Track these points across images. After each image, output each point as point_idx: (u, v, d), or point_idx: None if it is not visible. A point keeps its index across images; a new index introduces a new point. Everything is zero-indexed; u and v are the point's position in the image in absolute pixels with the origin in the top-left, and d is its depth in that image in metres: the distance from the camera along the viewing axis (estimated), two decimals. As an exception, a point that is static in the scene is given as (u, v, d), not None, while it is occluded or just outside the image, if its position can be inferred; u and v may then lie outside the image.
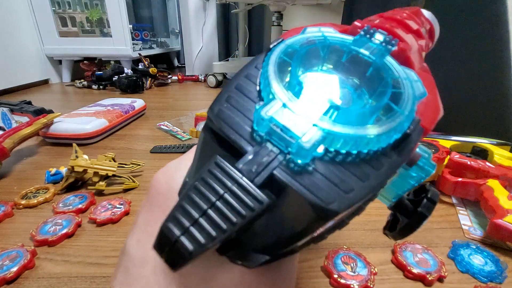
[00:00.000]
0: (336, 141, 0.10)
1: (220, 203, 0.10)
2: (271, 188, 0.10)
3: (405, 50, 0.13)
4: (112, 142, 0.67)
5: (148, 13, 1.98)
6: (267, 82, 0.11)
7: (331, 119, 0.10)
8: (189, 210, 0.10)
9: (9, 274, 0.29)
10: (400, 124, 0.11)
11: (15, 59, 1.21)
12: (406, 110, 0.11)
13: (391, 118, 0.11)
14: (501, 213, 0.34)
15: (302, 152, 0.10)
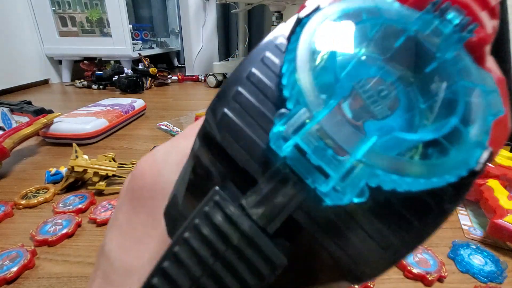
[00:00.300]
0: (382, 179, 0.07)
1: (221, 267, 0.07)
2: (285, 232, 0.08)
3: (485, 41, 0.09)
4: (112, 142, 0.67)
5: (148, 13, 1.98)
6: (294, 78, 0.08)
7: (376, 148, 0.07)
8: (176, 277, 0.08)
9: (9, 274, 0.29)
10: (468, 157, 0.07)
11: (15, 59, 1.21)
12: (477, 136, 0.07)
13: (456, 147, 0.07)
14: (501, 213, 0.34)
15: (336, 194, 0.07)
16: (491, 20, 0.09)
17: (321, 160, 0.07)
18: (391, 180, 0.07)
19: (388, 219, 0.08)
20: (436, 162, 0.07)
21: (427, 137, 0.07)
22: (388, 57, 0.08)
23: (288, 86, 0.08)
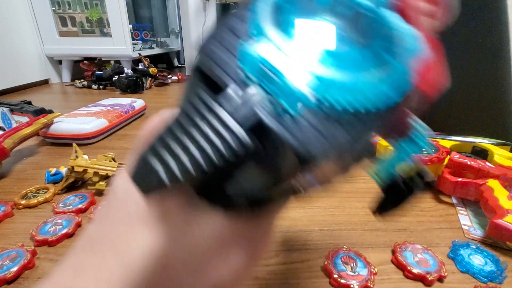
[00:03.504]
0: (329, 89, 0.09)
1: (203, 139, 0.09)
2: (255, 133, 0.10)
3: (406, 5, 0.12)
4: (112, 142, 0.67)
5: (148, 13, 1.98)
6: (257, 18, 0.10)
7: (326, 65, 0.09)
8: (169, 142, 0.09)
9: (9, 274, 0.29)
10: (392, 75, 0.10)
11: (15, 59, 1.21)
12: (400, 64, 0.10)
13: (383, 70, 0.10)
14: (501, 213, 0.34)
15: (292, 98, 0.09)
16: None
17: (282, 73, 0.09)
18: (337, 91, 0.09)
19: (332, 122, 0.10)
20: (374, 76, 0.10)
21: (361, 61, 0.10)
22: (334, 16, 0.11)
23: (254, 26, 0.10)
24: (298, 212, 0.40)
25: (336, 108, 0.09)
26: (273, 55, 0.10)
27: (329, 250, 0.32)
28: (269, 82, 0.09)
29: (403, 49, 0.11)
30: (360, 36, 0.11)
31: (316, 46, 0.10)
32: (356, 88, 0.09)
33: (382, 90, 0.10)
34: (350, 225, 0.38)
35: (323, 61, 0.10)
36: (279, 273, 0.30)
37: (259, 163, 0.10)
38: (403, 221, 0.39)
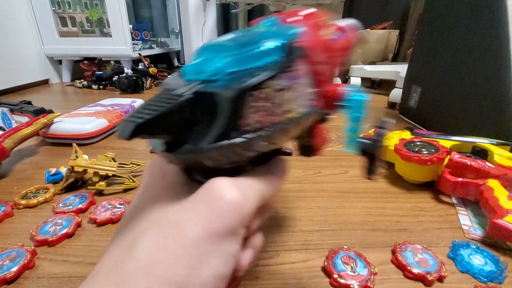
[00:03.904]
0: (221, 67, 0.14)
1: (159, 100, 0.13)
2: (200, 101, 0.13)
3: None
4: (112, 142, 0.67)
5: (148, 13, 1.98)
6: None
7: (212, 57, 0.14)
8: (139, 109, 0.12)
9: (9, 274, 0.29)
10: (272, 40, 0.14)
11: (15, 59, 1.21)
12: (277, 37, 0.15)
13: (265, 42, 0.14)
14: (501, 213, 0.34)
15: (209, 79, 0.14)
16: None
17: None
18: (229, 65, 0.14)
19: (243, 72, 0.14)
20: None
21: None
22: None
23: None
24: (298, 212, 0.40)
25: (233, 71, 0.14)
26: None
27: (329, 250, 0.32)
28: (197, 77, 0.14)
29: (280, 34, 0.15)
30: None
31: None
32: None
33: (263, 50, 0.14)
34: (350, 225, 0.38)
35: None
36: (279, 273, 0.30)
37: (201, 113, 0.14)
38: (403, 221, 0.39)
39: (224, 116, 0.13)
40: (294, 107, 0.15)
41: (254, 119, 0.14)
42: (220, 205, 0.14)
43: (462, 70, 0.63)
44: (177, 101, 0.13)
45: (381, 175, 0.52)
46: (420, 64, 0.79)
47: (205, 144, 0.13)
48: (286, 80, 0.14)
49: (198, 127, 0.14)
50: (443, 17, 0.69)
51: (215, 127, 0.13)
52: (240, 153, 0.14)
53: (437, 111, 0.71)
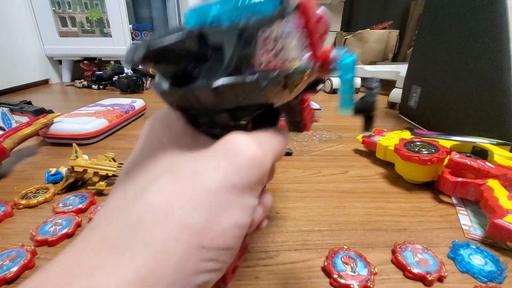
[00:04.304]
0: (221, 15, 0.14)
1: (167, 32, 0.13)
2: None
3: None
4: (112, 142, 0.67)
5: (148, 13, 1.98)
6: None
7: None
8: (148, 39, 0.12)
9: (9, 274, 0.29)
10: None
11: (15, 59, 1.21)
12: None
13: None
14: (501, 213, 0.34)
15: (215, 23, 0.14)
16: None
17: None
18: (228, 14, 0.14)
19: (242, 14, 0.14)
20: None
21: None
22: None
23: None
24: (298, 212, 0.40)
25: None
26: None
27: (329, 250, 0.32)
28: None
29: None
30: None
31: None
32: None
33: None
34: (350, 225, 0.38)
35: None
36: (279, 273, 0.30)
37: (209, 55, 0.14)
38: (403, 221, 0.39)
39: (237, 53, 0.13)
40: (297, 56, 0.16)
41: (265, 59, 0.14)
42: (241, 159, 0.14)
43: (462, 70, 0.63)
44: (188, 33, 0.13)
45: (381, 175, 0.52)
46: (420, 64, 0.79)
47: (220, 79, 0.13)
48: (289, 26, 0.15)
49: (208, 65, 0.14)
50: (443, 17, 0.69)
51: (227, 64, 0.13)
52: (251, 94, 0.14)
53: (437, 111, 0.71)
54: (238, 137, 0.14)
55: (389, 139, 0.55)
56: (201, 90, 0.14)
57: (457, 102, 0.64)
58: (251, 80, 0.14)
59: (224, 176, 0.13)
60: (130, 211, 0.13)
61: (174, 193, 0.13)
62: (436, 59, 0.71)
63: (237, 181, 0.13)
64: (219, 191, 0.13)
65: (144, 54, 0.11)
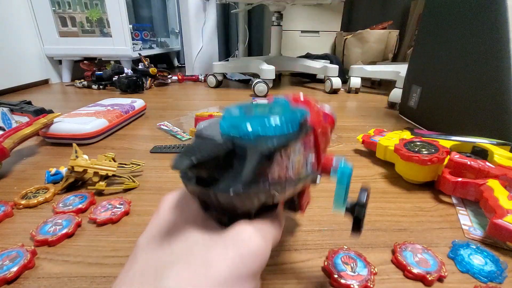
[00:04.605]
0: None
1: (205, 144, 0.16)
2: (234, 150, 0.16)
3: (296, 100, 0.23)
4: (112, 142, 0.67)
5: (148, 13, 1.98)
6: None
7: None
8: (191, 148, 0.15)
9: (9, 274, 0.29)
10: (287, 118, 0.18)
11: (15, 59, 1.21)
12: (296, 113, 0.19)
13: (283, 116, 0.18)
14: (501, 213, 0.34)
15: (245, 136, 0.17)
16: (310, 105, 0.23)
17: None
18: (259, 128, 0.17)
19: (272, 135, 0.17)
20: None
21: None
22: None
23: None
24: (298, 212, 0.40)
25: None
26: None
27: (329, 250, 0.32)
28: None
29: (294, 114, 0.19)
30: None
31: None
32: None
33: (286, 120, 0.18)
34: (350, 225, 0.38)
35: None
36: (279, 273, 0.30)
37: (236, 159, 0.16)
38: (403, 221, 0.39)
39: (257, 165, 0.15)
40: (303, 169, 0.20)
41: (277, 172, 0.17)
42: (247, 252, 0.15)
43: (462, 70, 0.63)
44: (222, 147, 0.16)
45: (381, 175, 0.52)
46: (420, 64, 0.79)
47: (239, 186, 0.15)
48: (300, 146, 0.19)
49: (232, 172, 0.16)
50: (443, 17, 0.69)
51: (247, 173, 0.15)
52: (261, 198, 0.17)
53: (437, 111, 0.71)
54: (244, 229, 0.16)
55: (389, 139, 0.55)
56: (223, 194, 0.16)
57: (457, 102, 0.64)
58: (265, 189, 0.16)
59: (232, 266, 0.15)
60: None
61: (188, 281, 0.14)
62: (436, 59, 0.72)
63: (243, 271, 0.15)
64: (226, 281, 0.14)
65: (188, 165, 0.14)
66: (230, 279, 0.14)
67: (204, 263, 0.15)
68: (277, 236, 0.18)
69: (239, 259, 0.15)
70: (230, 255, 0.15)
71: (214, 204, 0.17)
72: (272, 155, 0.16)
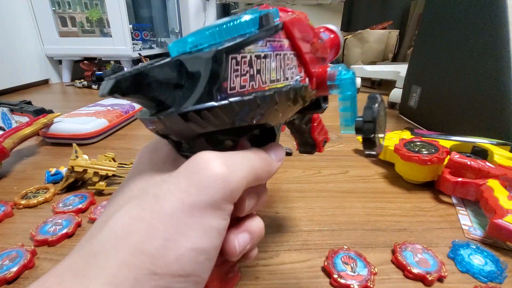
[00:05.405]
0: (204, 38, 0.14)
1: (141, 65, 0.13)
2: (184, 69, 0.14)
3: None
4: (112, 142, 0.67)
5: (148, 13, 1.98)
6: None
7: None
8: (124, 71, 0.13)
9: (9, 274, 0.29)
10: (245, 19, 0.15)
11: (15, 59, 1.21)
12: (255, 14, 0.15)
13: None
14: (501, 213, 0.34)
15: (192, 50, 0.14)
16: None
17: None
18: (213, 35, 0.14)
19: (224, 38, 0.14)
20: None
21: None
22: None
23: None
24: (298, 212, 0.40)
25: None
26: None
27: (329, 250, 0.32)
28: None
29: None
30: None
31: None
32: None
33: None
34: (350, 225, 0.38)
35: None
36: (279, 273, 0.30)
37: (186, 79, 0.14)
38: (403, 221, 0.39)
39: (207, 77, 0.13)
40: (279, 77, 0.16)
41: (238, 83, 0.14)
42: (201, 177, 0.13)
43: (462, 70, 0.63)
44: (156, 64, 0.13)
45: (381, 175, 0.52)
46: (420, 64, 0.79)
47: (188, 105, 0.13)
48: (267, 48, 0.15)
49: (181, 92, 0.14)
50: (443, 17, 0.69)
51: (198, 89, 0.13)
52: (225, 119, 0.14)
53: (437, 111, 0.71)
54: (203, 154, 0.14)
55: (389, 139, 0.55)
56: (169, 117, 0.13)
57: (457, 102, 0.64)
58: (220, 104, 0.13)
59: (182, 196, 0.13)
60: (96, 237, 0.13)
61: (134, 217, 0.13)
62: (436, 59, 0.71)
63: (197, 200, 0.13)
64: (175, 213, 0.13)
65: (112, 87, 0.12)
66: (180, 212, 0.13)
67: (154, 197, 0.13)
68: (256, 167, 0.16)
69: (191, 186, 0.13)
70: (181, 185, 0.13)
71: (176, 136, 0.15)
72: (220, 59, 0.13)
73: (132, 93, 0.13)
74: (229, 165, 0.14)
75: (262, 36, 0.15)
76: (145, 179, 0.15)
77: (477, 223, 0.39)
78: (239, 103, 0.14)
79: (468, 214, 0.41)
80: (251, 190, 0.16)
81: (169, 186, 0.14)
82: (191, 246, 0.13)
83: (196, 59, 0.13)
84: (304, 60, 0.18)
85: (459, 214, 0.41)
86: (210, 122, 0.14)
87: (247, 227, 0.16)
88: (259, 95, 0.14)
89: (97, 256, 0.12)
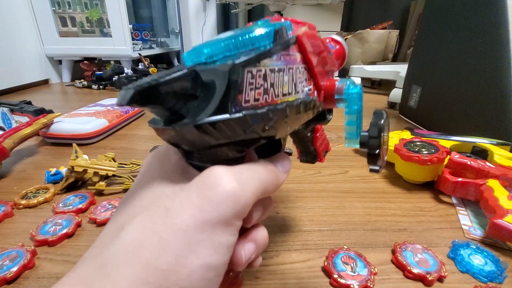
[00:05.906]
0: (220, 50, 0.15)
1: (158, 75, 0.13)
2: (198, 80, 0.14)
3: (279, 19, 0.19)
4: (112, 142, 0.67)
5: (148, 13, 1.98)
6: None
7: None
8: (139, 81, 0.13)
9: (9, 274, 0.29)
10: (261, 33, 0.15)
11: (15, 59, 1.21)
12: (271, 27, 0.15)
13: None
14: (501, 213, 0.34)
15: (207, 61, 0.15)
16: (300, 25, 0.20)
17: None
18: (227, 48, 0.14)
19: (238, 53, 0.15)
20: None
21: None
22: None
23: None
24: (298, 212, 0.40)
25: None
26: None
27: (329, 250, 0.32)
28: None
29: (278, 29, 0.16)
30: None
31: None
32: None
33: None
34: (350, 225, 0.38)
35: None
36: (279, 273, 0.30)
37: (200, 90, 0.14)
38: (403, 221, 0.39)
39: (222, 90, 0.13)
40: (291, 91, 0.16)
41: (253, 96, 0.14)
42: (213, 193, 0.13)
43: (462, 70, 0.63)
44: (175, 75, 0.13)
45: (381, 175, 0.52)
46: (420, 64, 0.79)
47: (203, 117, 0.13)
48: (281, 62, 0.15)
49: (196, 103, 0.14)
50: (443, 17, 0.69)
51: (214, 101, 0.13)
52: (238, 131, 0.14)
53: (437, 111, 0.71)
54: (215, 170, 0.14)
55: (389, 139, 0.55)
56: (185, 128, 0.14)
57: (457, 102, 0.64)
58: (235, 117, 0.13)
59: (195, 212, 0.13)
60: (108, 249, 0.13)
61: (146, 231, 0.13)
62: (436, 59, 0.71)
63: (209, 217, 0.13)
64: (188, 229, 0.13)
65: (131, 97, 0.12)
66: (193, 226, 0.13)
67: (166, 211, 0.13)
68: (265, 181, 0.16)
69: (205, 204, 0.13)
70: (193, 200, 0.13)
71: (187, 146, 0.15)
72: (236, 72, 0.13)
73: (150, 103, 0.13)
74: (240, 181, 0.14)
75: (277, 50, 0.15)
76: (155, 189, 0.15)
77: (477, 223, 0.39)
78: (253, 116, 0.14)
79: (468, 214, 0.41)
80: (258, 202, 0.16)
81: (181, 200, 0.13)
82: (202, 263, 0.13)
83: (214, 71, 0.14)
84: (314, 74, 0.18)
85: (459, 214, 0.41)
86: (224, 134, 0.14)
87: (252, 237, 0.17)
88: (271, 108, 0.15)
89: (109, 268, 0.12)
